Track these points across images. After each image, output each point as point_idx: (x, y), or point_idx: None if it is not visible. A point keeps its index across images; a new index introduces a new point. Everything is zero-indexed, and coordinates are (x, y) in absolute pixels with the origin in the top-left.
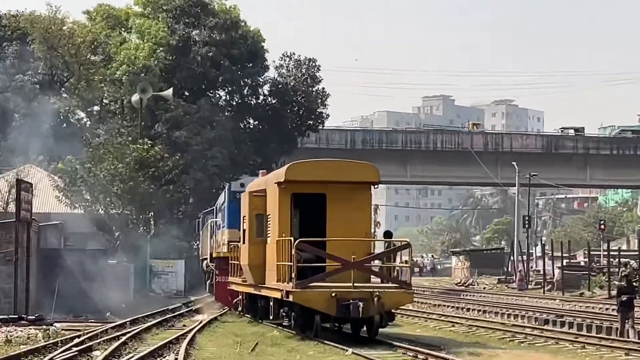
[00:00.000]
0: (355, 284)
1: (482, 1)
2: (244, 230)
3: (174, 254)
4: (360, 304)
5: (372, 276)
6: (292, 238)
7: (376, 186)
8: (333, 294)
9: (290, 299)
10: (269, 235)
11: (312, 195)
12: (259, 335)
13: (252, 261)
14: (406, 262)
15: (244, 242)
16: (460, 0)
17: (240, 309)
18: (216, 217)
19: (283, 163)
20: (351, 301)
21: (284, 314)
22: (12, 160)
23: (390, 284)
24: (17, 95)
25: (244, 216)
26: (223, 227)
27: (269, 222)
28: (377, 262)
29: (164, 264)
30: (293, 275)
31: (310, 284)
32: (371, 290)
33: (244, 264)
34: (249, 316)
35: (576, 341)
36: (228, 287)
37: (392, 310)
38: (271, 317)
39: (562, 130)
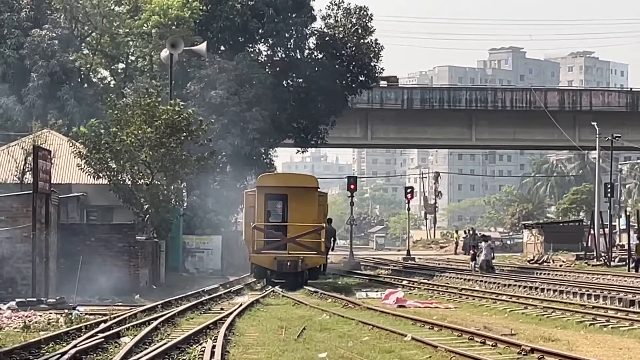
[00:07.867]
0: (290, 252)
1: None
2: (244, 217)
3: (210, 230)
4: (289, 263)
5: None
6: (251, 224)
7: (318, 189)
8: (274, 257)
9: (251, 260)
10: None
11: (279, 195)
12: (306, 319)
13: (247, 238)
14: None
15: (245, 226)
16: None
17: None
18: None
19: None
20: (285, 261)
21: (253, 270)
22: (28, 125)
23: (311, 251)
24: (34, 52)
25: (244, 207)
26: None
27: (255, 213)
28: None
29: (198, 240)
30: (250, 246)
31: (262, 252)
32: (297, 254)
33: (244, 240)
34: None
35: None
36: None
37: (321, 269)
38: (249, 272)
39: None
